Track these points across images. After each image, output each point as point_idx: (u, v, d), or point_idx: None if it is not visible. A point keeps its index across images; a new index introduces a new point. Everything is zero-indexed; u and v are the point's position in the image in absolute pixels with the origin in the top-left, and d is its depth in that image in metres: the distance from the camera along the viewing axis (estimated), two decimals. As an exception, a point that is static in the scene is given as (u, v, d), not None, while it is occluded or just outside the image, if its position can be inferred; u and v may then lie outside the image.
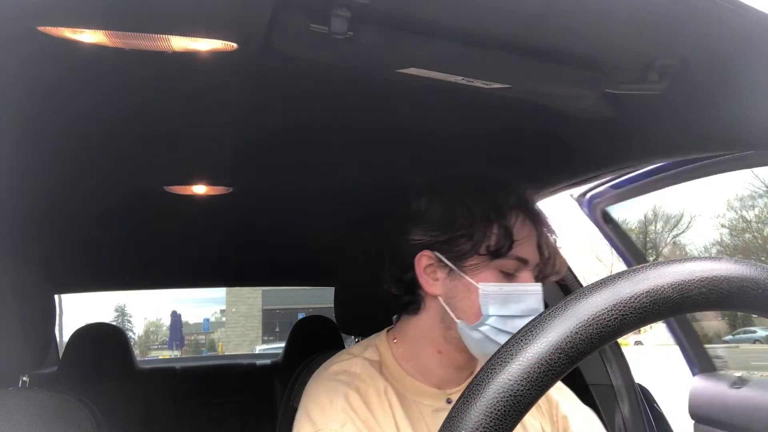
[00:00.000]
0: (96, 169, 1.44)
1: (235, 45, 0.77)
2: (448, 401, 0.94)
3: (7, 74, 0.87)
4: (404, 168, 1.56)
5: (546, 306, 1.53)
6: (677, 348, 1.72)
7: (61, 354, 2.38)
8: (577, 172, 1.31)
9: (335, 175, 1.66)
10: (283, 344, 2.85)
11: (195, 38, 0.75)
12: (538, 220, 0.94)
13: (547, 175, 1.37)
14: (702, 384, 1.45)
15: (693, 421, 1.46)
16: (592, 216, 1.74)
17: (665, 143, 1.05)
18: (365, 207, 2.05)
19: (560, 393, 1.09)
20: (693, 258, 0.37)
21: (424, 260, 0.92)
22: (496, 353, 0.35)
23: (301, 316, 3.11)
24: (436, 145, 1.43)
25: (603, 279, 0.36)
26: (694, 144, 1.02)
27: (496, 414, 0.32)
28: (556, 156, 1.29)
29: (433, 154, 1.47)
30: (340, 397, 0.87)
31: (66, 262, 2.24)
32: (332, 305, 1.34)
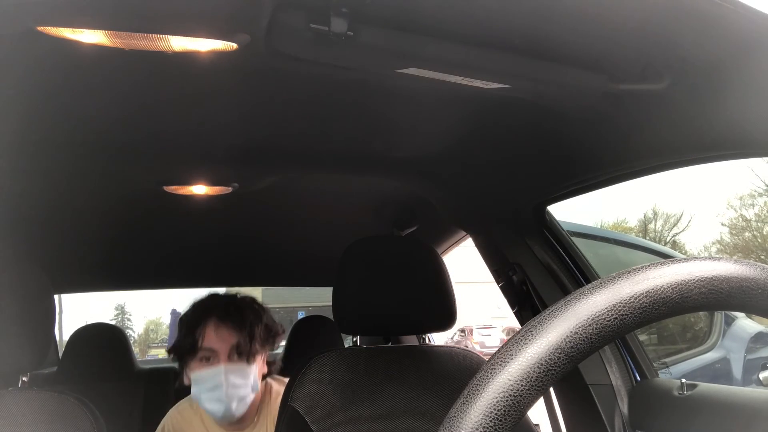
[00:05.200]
0: (96, 169, 1.44)
1: (235, 45, 0.77)
2: None
3: (6, 74, 0.87)
4: (404, 168, 1.56)
5: (544, 306, 1.53)
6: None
7: (61, 354, 2.38)
8: (577, 173, 1.31)
9: (335, 175, 1.66)
10: (282, 343, 2.84)
11: (195, 38, 0.75)
12: (230, 318, 1.38)
13: (547, 175, 1.37)
14: (643, 390, 1.44)
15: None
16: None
17: (665, 143, 1.05)
18: (365, 207, 2.05)
19: None
20: (693, 258, 0.37)
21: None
22: (496, 353, 0.35)
23: (301, 314, 3.11)
24: (436, 146, 1.43)
25: (602, 279, 0.36)
26: (694, 145, 1.02)
27: (495, 414, 0.32)
28: (556, 156, 1.29)
29: (433, 153, 1.47)
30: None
31: (66, 262, 2.24)
32: (331, 302, 1.34)
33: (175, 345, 1.41)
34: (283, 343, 2.81)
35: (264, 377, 1.48)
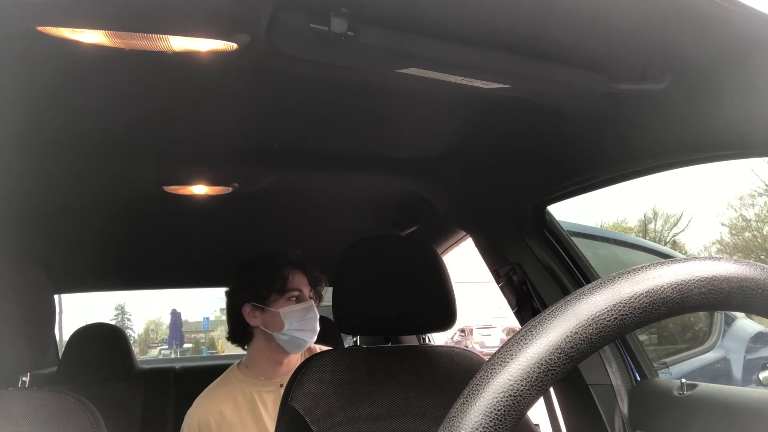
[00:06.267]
0: (96, 169, 1.44)
1: (235, 45, 0.77)
2: (280, 386, 1.56)
3: (7, 74, 0.87)
4: (404, 168, 1.56)
5: (544, 306, 1.53)
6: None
7: (61, 354, 2.38)
8: (577, 173, 1.31)
9: (335, 175, 1.66)
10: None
11: (195, 38, 0.75)
12: (305, 269, 1.63)
13: (547, 175, 1.37)
14: (643, 390, 1.44)
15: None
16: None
17: (665, 143, 1.05)
18: (365, 206, 2.05)
19: None
20: (693, 258, 0.37)
21: (247, 308, 1.59)
22: (496, 353, 0.35)
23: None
24: (436, 146, 1.43)
25: (603, 279, 0.36)
26: (694, 145, 1.02)
27: (495, 414, 0.32)
28: (556, 156, 1.29)
29: (433, 153, 1.47)
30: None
31: (66, 262, 2.24)
32: (331, 302, 1.35)
33: (263, 286, 1.59)
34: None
35: None
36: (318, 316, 1.62)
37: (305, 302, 1.60)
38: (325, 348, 1.68)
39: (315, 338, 1.62)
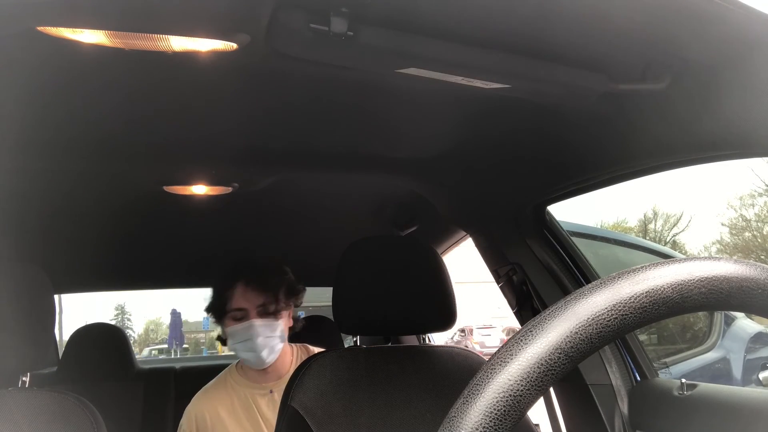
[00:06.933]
0: (96, 169, 1.44)
1: (235, 45, 0.77)
2: (270, 391, 1.61)
3: (7, 74, 0.87)
4: (404, 168, 1.56)
5: (544, 306, 1.53)
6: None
7: (61, 354, 2.38)
8: (577, 172, 1.31)
9: (335, 175, 1.66)
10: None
11: (195, 38, 0.75)
12: (263, 281, 1.54)
13: (547, 175, 1.37)
14: (643, 390, 1.44)
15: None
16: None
17: (665, 143, 1.05)
18: (365, 206, 2.05)
19: None
20: (693, 258, 0.37)
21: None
22: (496, 353, 0.35)
23: (301, 314, 3.11)
24: (436, 146, 1.43)
25: (602, 279, 0.36)
26: (694, 144, 1.02)
27: (495, 414, 0.32)
28: (556, 156, 1.29)
29: (433, 153, 1.47)
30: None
31: (66, 262, 2.24)
32: (331, 302, 1.34)
33: (210, 306, 1.60)
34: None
35: (291, 330, 1.65)
36: (265, 335, 1.52)
37: (245, 322, 1.52)
38: (320, 349, 1.68)
39: (267, 356, 1.53)
